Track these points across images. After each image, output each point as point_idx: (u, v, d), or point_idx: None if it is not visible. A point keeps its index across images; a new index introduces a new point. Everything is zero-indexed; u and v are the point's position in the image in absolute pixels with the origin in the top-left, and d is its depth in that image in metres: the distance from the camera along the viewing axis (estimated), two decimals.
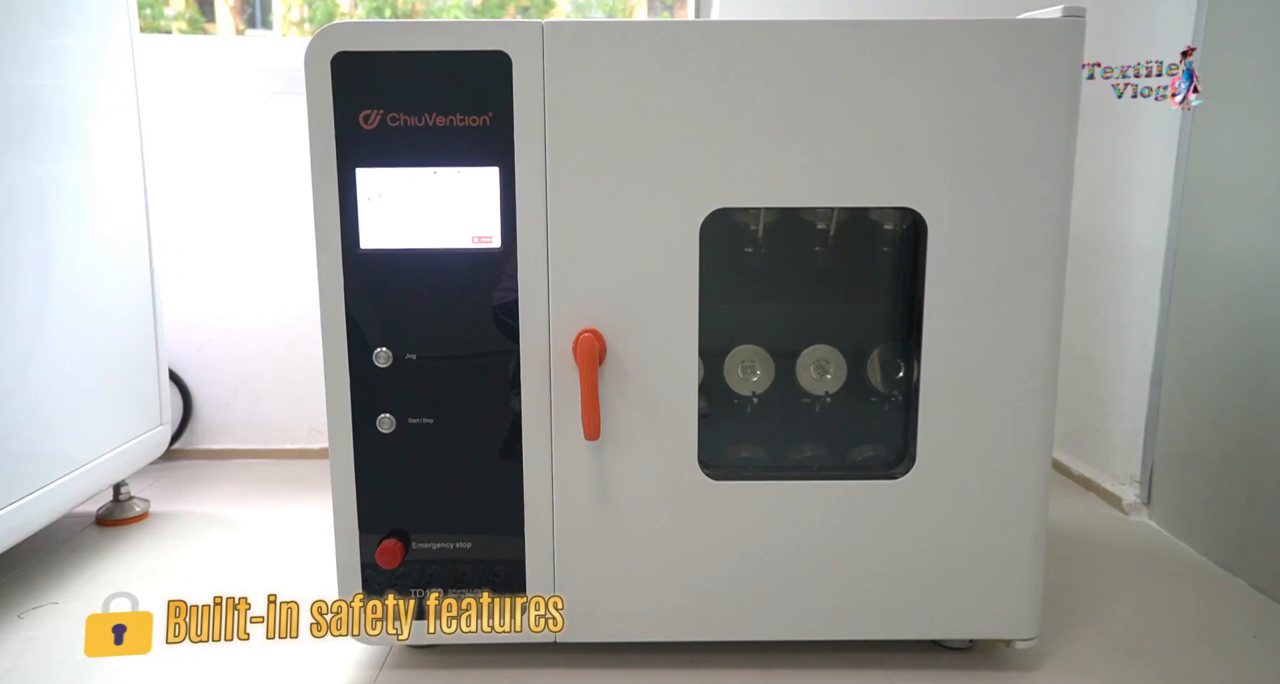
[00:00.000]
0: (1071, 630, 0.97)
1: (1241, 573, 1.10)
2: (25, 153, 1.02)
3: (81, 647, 0.94)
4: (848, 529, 0.85)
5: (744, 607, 0.86)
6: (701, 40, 0.77)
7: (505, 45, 0.77)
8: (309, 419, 1.59)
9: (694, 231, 0.80)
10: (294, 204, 1.52)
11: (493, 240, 0.80)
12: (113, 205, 1.20)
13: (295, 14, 1.82)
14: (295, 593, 1.07)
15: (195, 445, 1.59)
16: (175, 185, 1.50)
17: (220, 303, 1.56)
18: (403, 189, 0.79)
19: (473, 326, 0.81)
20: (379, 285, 0.81)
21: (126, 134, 1.23)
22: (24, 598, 1.05)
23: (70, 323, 1.10)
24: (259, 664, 0.91)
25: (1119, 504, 1.33)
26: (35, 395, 1.04)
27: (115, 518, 1.28)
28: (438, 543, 0.85)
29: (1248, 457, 1.10)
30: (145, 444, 1.27)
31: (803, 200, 0.81)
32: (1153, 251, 1.28)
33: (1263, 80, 1.08)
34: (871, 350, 0.92)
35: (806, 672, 0.89)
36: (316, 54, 0.77)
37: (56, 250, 1.07)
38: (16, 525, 1.01)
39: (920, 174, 0.79)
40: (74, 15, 1.11)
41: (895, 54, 0.77)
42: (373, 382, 0.82)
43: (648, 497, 0.84)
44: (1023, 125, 0.78)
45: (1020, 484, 0.84)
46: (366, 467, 0.83)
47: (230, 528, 1.27)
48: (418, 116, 0.78)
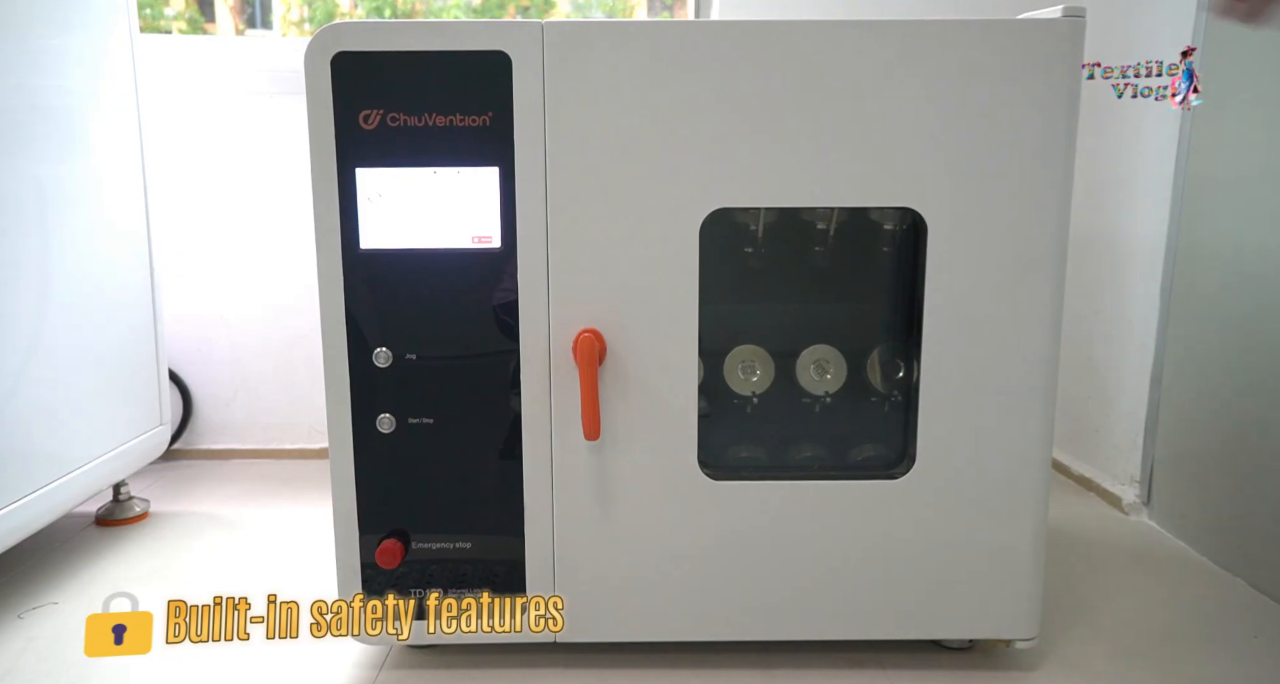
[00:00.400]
0: (1071, 630, 0.97)
1: (1241, 573, 1.10)
2: (25, 153, 1.02)
3: (81, 647, 0.94)
4: (847, 529, 0.85)
5: (744, 607, 0.86)
6: (701, 40, 0.77)
7: (505, 45, 0.77)
8: (309, 419, 1.59)
9: (694, 231, 0.80)
10: (294, 204, 1.52)
11: (492, 240, 0.80)
12: (113, 205, 1.20)
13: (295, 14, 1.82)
14: (295, 593, 1.07)
15: (195, 445, 1.59)
16: (175, 185, 1.50)
17: (220, 302, 1.56)
18: (402, 189, 0.79)
19: (472, 327, 0.81)
20: (379, 285, 0.81)
21: (126, 134, 1.23)
22: (24, 598, 1.05)
23: (70, 323, 1.10)
24: (259, 664, 0.91)
25: (1119, 504, 1.33)
26: (35, 395, 1.04)
27: (115, 518, 1.28)
28: (438, 543, 0.85)
29: (1248, 456, 1.10)
30: (145, 444, 1.27)
31: (803, 200, 0.81)
32: (1152, 251, 1.28)
33: (1262, 80, 1.08)
34: (871, 350, 0.92)
35: (806, 671, 0.89)
36: (316, 54, 0.77)
37: (56, 250, 1.07)
38: (16, 525, 1.01)
39: (920, 174, 0.79)
40: (74, 15, 1.11)
41: (895, 54, 0.77)
42: (372, 381, 0.82)
43: (648, 497, 0.84)
44: (1023, 125, 0.78)
45: (1020, 484, 0.84)
46: (366, 467, 0.83)
47: (230, 528, 1.27)
48: (417, 116, 0.78)
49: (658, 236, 0.80)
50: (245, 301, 1.55)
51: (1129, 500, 1.32)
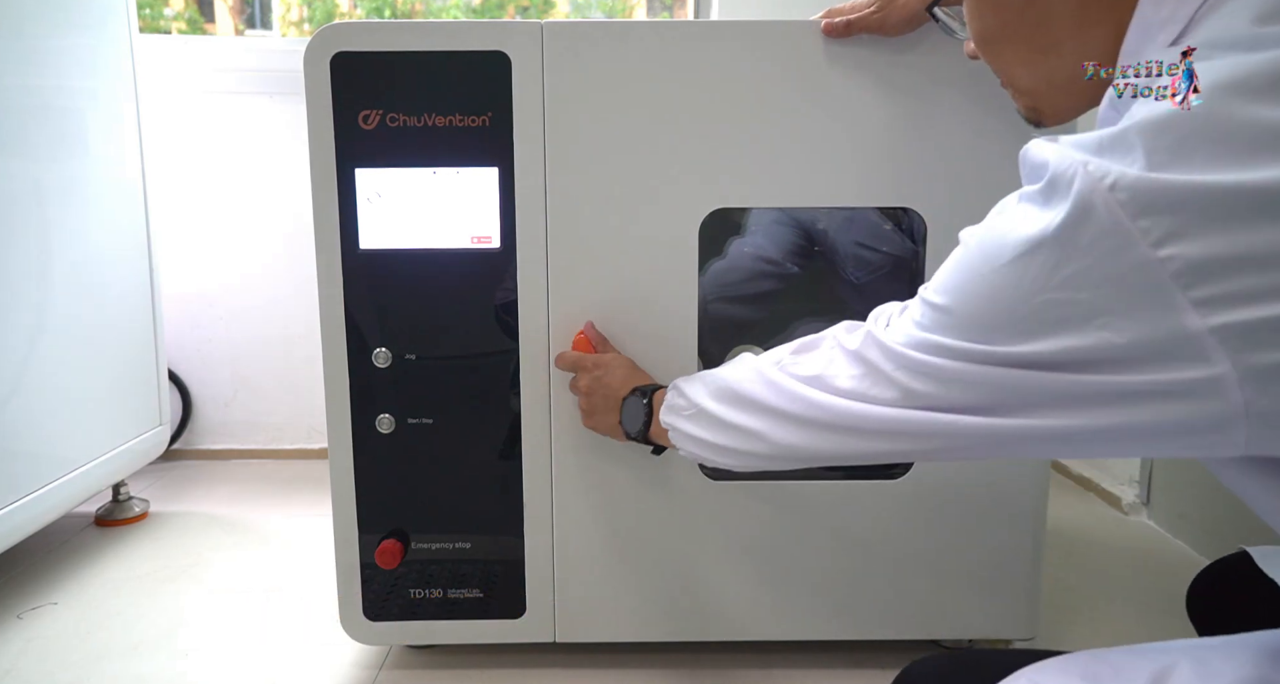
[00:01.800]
0: (1071, 630, 0.97)
1: None
2: (25, 153, 1.02)
3: (81, 647, 0.94)
4: (848, 530, 0.85)
5: (743, 607, 0.86)
6: (701, 40, 0.77)
7: (504, 46, 0.77)
8: (309, 419, 1.59)
9: (693, 231, 0.80)
10: (293, 204, 1.51)
11: (492, 240, 0.80)
12: (112, 205, 1.20)
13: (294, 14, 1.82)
14: (295, 593, 1.07)
15: (195, 445, 1.59)
16: (175, 186, 1.50)
17: (220, 303, 1.56)
18: (402, 189, 0.79)
19: (472, 327, 0.81)
20: (378, 285, 0.81)
21: (126, 134, 1.23)
22: (24, 598, 1.05)
23: (69, 323, 1.10)
24: (259, 663, 0.91)
25: (1118, 504, 1.33)
26: (35, 396, 1.04)
27: (114, 518, 1.28)
28: (437, 543, 0.85)
29: None
30: (144, 444, 1.27)
31: (803, 200, 0.81)
32: None
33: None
34: None
35: (806, 671, 0.89)
36: (316, 54, 0.77)
37: (56, 251, 1.07)
38: (16, 525, 1.01)
39: (921, 174, 0.79)
40: (74, 15, 1.11)
41: (895, 53, 0.77)
42: (372, 382, 0.82)
43: (647, 497, 0.84)
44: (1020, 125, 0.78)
45: (1020, 484, 0.84)
46: (366, 467, 0.83)
47: (229, 528, 1.27)
48: (417, 117, 0.78)
49: (657, 237, 0.80)
50: (245, 302, 1.55)
51: (1129, 500, 1.32)
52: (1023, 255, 0.42)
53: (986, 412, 0.45)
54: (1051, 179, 0.41)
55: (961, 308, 0.46)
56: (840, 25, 0.75)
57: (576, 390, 0.78)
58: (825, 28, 0.75)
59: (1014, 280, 0.43)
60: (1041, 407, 0.43)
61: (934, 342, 0.47)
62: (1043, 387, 0.43)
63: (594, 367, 0.76)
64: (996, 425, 0.45)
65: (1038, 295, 0.42)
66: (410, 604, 0.86)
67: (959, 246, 0.49)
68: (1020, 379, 0.43)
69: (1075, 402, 0.42)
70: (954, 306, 0.46)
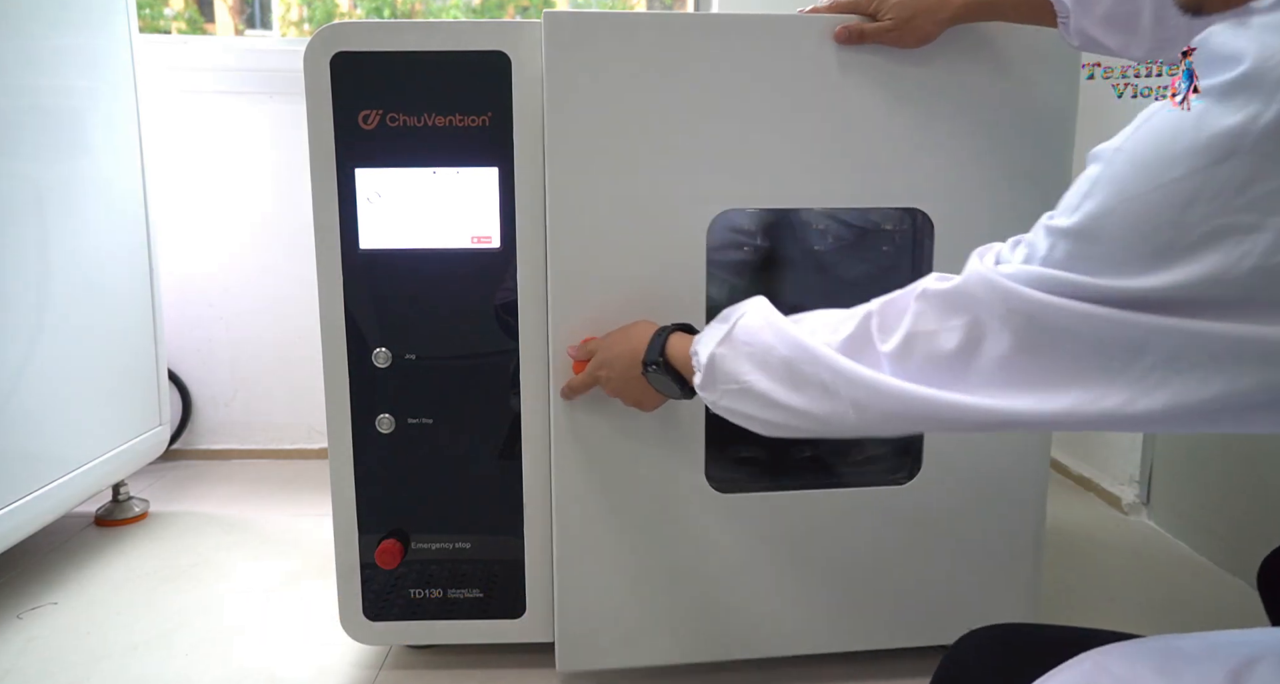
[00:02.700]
0: None
1: (1241, 573, 1.10)
2: (25, 152, 1.02)
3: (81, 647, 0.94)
4: (854, 537, 0.84)
5: (750, 620, 0.85)
6: (706, 34, 0.75)
7: (504, 45, 0.77)
8: (308, 419, 1.59)
9: (700, 234, 0.78)
10: (293, 204, 1.51)
11: (492, 240, 0.80)
12: (112, 205, 1.20)
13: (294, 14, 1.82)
14: (295, 593, 1.07)
15: (195, 445, 1.59)
16: (175, 185, 1.50)
17: (220, 303, 1.55)
18: (402, 189, 0.79)
19: (472, 327, 0.81)
20: (378, 285, 0.80)
21: (126, 134, 1.23)
22: (24, 598, 1.05)
23: (69, 324, 1.10)
24: (259, 663, 0.91)
25: (1118, 504, 1.33)
26: (34, 396, 1.04)
27: (114, 518, 1.28)
28: (437, 543, 0.85)
29: (1248, 457, 1.10)
30: (144, 444, 1.27)
31: (811, 201, 0.80)
32: None
33: None
34: None
35: (806, 670, 0.89)
36: (316, 54, 0.77)
37: (55, 251, 1.07)
38: (16, 525, 1.01)
39: (926, 174, 0.79)
40: (74, 15, 1.11)
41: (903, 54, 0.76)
42: (372, 382, 0.82)
43: (648, 497, 0.83)
44: (1023, 125, 0.78)
45: (1020, 485, 0.84)
46: (366, 467, 0.83)
47: (229, 528, 1.27)
48: (417, 117, 0.78)
49: (662, 238, 0.78)
50: (245, 301, 1.55)
51: (1129, 500, 1.32)
52: (1204, 166, 0.35)
53: (1114, 373, 0.38)
54: (1247, 73, 0.34)
55: (1108, 234, 0.38)
56: (855, 35, 0.74)
57: (611, 395, 0.76)
58: (837, 35, 0.74)
59: (1186, 197, 0.35)
60: (1181, 363, 0.37)
61: (1066, 280, 0.40)
62: (1188, 336, 0.36)
63: (599, 367, 0.75)
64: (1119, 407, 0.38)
65: (1215, 218, 0.34)
66: (410, 604, 0.86)
67: (1094, 165, 0.41)
68: (1160, 326, 0.37)
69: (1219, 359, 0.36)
70: (1098, 233, 0.39)
